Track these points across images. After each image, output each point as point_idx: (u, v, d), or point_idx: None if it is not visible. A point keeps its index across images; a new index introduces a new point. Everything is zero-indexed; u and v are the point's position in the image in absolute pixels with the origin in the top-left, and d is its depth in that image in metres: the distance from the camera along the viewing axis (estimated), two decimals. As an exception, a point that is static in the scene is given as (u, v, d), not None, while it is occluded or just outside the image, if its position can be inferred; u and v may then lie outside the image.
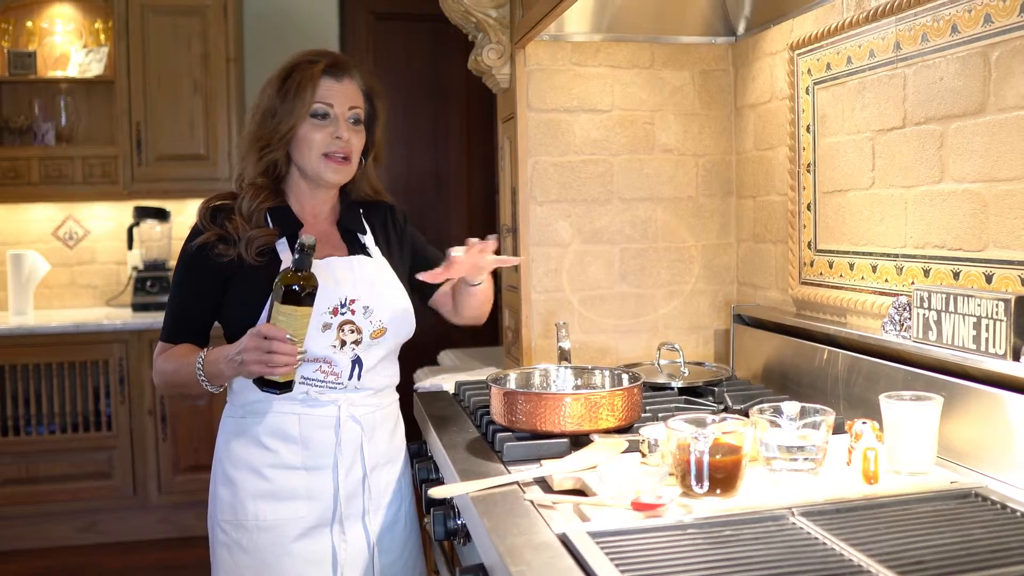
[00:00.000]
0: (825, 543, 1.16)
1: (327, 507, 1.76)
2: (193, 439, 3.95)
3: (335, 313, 1.74)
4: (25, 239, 4.34)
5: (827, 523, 1.23)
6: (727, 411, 1.84)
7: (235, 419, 1.79)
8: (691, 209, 2.48)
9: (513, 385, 1.85)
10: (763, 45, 2.31)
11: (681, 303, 2.48)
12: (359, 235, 1.87)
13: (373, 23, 4.76)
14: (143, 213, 4.25)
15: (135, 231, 4.29)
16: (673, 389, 2.06)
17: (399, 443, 1.91)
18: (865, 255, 1.91)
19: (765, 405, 1.48)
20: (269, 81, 1.80)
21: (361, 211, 1.91)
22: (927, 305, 1.62)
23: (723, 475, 1.32)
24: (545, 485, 1.47)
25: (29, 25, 4.25)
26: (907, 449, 1.41)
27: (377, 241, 1.89)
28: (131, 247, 4.33)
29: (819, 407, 1.45)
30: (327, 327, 1.73)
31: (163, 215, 4.26)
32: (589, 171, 2.42)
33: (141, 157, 4.11)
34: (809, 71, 2.08)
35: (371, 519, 1.80)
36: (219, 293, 1.76)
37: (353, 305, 1.75)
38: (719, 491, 1.32)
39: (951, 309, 1.56)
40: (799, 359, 2.05)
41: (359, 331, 1.76)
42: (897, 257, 1.81)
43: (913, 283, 1.74)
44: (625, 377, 1.83)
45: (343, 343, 1.74)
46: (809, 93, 2.08)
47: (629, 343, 2.45)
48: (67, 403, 3.89)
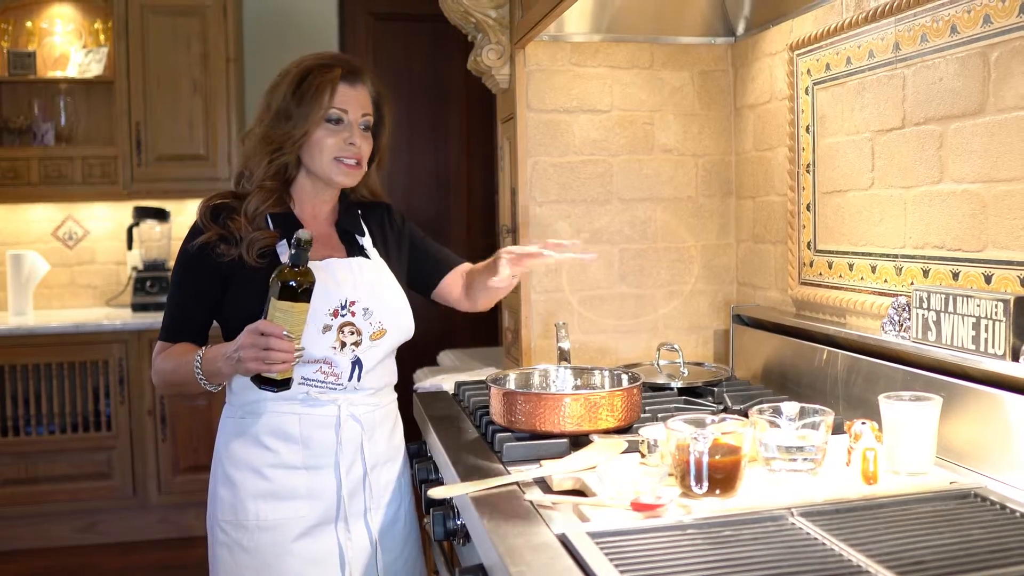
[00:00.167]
0: (824, 543, 1.16)
1: (329, 506, 1.76)
2: (193, 439, 3.95)
3: (335, 315, 1.73)
4: (25, 239, 4.33)
5: (826, 523, 1.23)
6: (726, 411, 1.84)
7: (235, 419, 1.79)
8: (691, 209, 2.48)
9: (513, 385, 1.85)
10: (762, 45, 2.31)
11: (681, 303, 2.48)
12: (357, 237, 1.88)
13: (373, 23, 4.75)
14: (143, 213, 4.25)
15: (135, 231, 4.29)
16: (673, 389, 2.06)
17: (398, 442, 1.91)
18: (864, 255, 1.91)
19: (764, 405, 1.48)
20: (280, 82, 1.78)
21: (359, 212, 1.92)
22: (926, 305, 1.62)
23: (722, 475, 1.32)
24: (545, 485, 1.47)
25: (29, 25, 4.25)
26: (906, 449, 1.41)
27: (375, 243, 1.89)
28: (131, 247, 4.33)
29: (818, 407, 1.45)
30: (327, 329, 1.73)
31: (163, 215, 4.26)
32: (589, 171, 2.42)
33: (141, 157, 4.11)
34: (808, 71, 2.08)
35: (372, 517, 1.80)
36: (219, 293, 1.75)
37: (353, 307, 1.75)
38: (718, 491, 1.32)
39: (950, 309, 1.56)
40: (798, 359, 2.05)
41: (359, 333, 1.76)
42: (896, 257, 1.81)
43: (912, 283, 1.74)
44: (625, 377, 1.83)
45: (343, 344, 1.74)
46: (808, 93, 2.08)
47: (629, 343, 2.45)
48: (67, 403, 3.89)
